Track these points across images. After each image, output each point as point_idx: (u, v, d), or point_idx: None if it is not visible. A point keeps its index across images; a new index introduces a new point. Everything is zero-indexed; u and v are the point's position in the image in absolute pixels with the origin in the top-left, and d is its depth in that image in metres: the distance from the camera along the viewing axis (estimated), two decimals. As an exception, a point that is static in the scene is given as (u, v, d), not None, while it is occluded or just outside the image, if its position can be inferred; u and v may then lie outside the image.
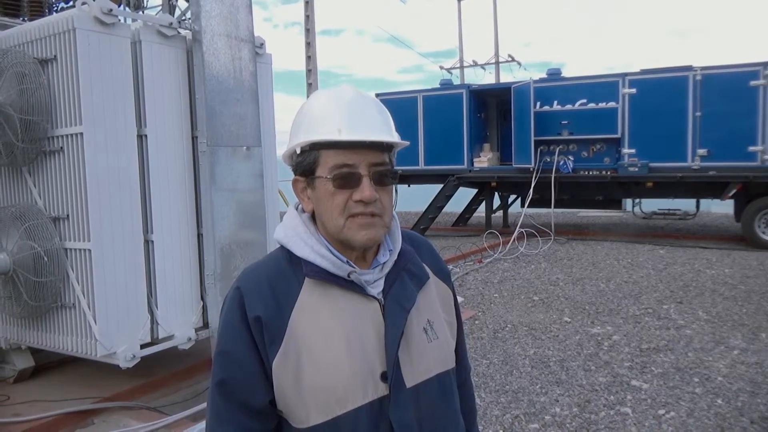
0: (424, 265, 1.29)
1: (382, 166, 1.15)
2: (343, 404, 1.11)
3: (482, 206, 13.96)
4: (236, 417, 1.13)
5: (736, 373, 4.63)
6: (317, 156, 1.14)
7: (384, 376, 1.13)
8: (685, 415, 3.93)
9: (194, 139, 4.40)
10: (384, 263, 1.21)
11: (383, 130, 1.15)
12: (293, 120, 1.21)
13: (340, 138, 1.10)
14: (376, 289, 1.18)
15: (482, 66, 21.42)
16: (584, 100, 11.40)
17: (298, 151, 1.17)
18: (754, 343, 5.31)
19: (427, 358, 1.20)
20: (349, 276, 1.15)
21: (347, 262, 1.16)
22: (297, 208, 1.24)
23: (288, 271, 1.18)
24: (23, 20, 5.51)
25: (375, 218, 1.14)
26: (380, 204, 1.14)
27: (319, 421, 1.11)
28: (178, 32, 4.35)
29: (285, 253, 1.20)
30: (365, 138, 1.11)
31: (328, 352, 1.12)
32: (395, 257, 1.22)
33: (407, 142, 1.22)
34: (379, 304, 1.17)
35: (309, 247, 1.17)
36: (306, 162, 1.16)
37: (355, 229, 1.13)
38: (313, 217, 1.21)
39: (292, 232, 1.19)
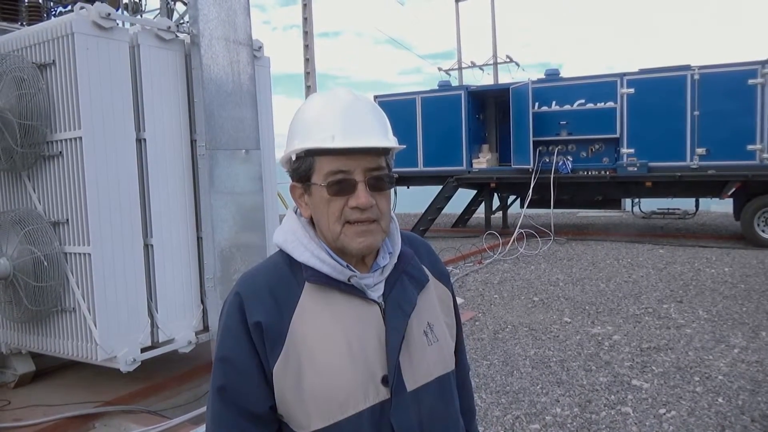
0: (424, 267, 1.29)
1: (378, 170, 1.14)
2: (344, 409, 1.11)
3: (481, 207, 13.97)
4: (236, 423, 1.13)
5: (736, 371, 4.64)
6: (312, 162, 1.14)
7: (385, 380, 1.13)
8: (686, 414, 3.94)
9: (193, 142, 4.40)
10: (384, 266, 1.20)
11: (378, 134, 1.14)
12: (289, 124, 1.21)
13: (334, 145, 1.09)
14: (377, 293, 1.18)
15: (480, 67, 21.43)
16: (582, 101, 11.42)
17: (294, 158, 1.17)
18: (755, 342, 5.31)
19: (427, 361, 1.20)
20: (349, 280, 1.15)
21: (347, 266, 1.16)
22: (296, 212, 1.23)
23: (288, 276, 1.17)
24: (21, 25, 5.52)
25: (372, 225, 1.14)
26: (377, 209, 1.14)
27: (320, 426, 1.10)
28: (177, 36, 4.35)
29: (285, 257, 1.20)
30: (359, 144, 1.10)
31: (329, 356, 1.11)
32: (395, 260, 1.22)
33: (403, 146, 1.20)
34: (380, 307, 1.17)
35: (309, 251, 1.16)
36: (302, 168, 1.16)
37: (351, 237, 1.13)
38: (311, 221, 1.21)
39: (292, 237, 1.19)
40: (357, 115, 1.13)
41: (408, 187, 13.85)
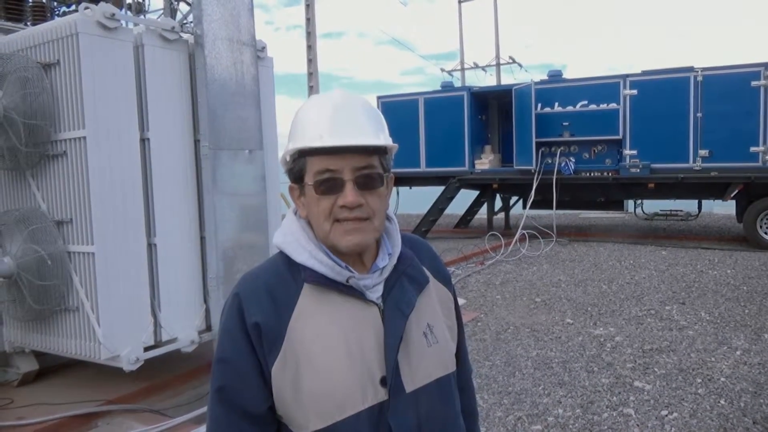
0: (424, 268, 1.29)
1: (367, 169, 1.14)
2: (342, 410, 1.11)
3: (484, 208, 13.97)
4: (235, 423, 1.13)
5: (738, 373, 4.63)
6: (304, 163, 1.15)
7: (383, 381, 1.13)
8: (688, 416, 3.94)
9: (196, 142, 4.42)
10: (383, 268, 1.20)
11: (367, 133, 1.13)
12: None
13: (321, 144, 1.10)
14: (376, 294, 1.18)
15: (483, 68, 21.42)
16: (585, 102, 11.41)
17: (289, 159, 1.18)
18: (757, 344, 5.31)
19: (426, 363, 1.20)
20: (347, 281, 1.15)
21: (346, 267, 1.16)
22: (295, 213, 1.24)
23: (287, 277, 1.18)
24: (26, 25, 5.54)
25: (363, 223, 1.14)
26: (368, 208, 1.14)
27: (318, 426, 1.11)
28: (180, 36, 4.37)
29: (284, 258, 1.20)
30: (346, 142, 1.10)
31: (327, 357, 1.12)
32: (394, 261, 1.22)
33: (395, 145, 1.20)
34: (379, 309, 1.17)
35: (307, 252, 1.17)
36: (296, 169, 1.17)
37: (340, 235, 1.13)
38: (310, 222, 1.22)
39: (291, 238, 1.20)
40: (347, 114, 1.14)
41: (410, 188, 13.85)
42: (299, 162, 1.16)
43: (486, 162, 12.72)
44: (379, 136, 1.15)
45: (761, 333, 5.61)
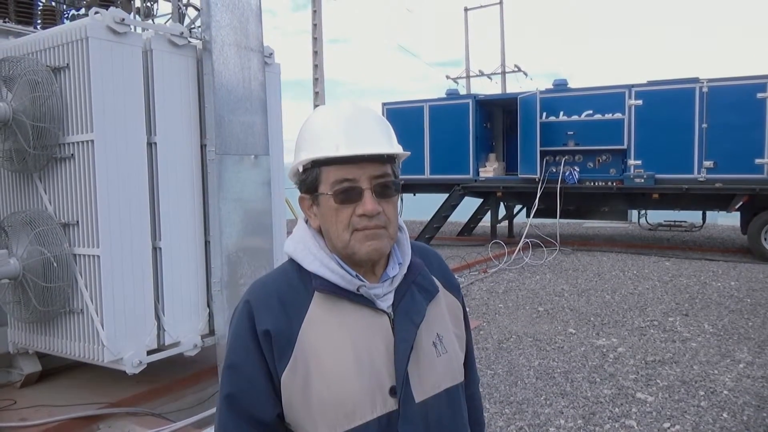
0: (434, 277, 1.30)
1: (383, 177, 1.15)
2: (351, 419, 1.11)
3: (487, 216, 13.97)
4: (244, 430, 1.13)
5: (741, 386, 4.62)
6: (319, 173, 1.16)
7: (393, 391, 1.14)
8: (690, 429, 3.92)
9: (203, 146, 4.44)
10: (393, 277, 1.21)
11: (382, 142, 1.16)
12: (296, 138, 1.23)
13: (338, 153, 1.12)
14: (386, 303, 1.19)
15: (488, 76, 21.49)
16: (590, 111, 11.43)
17: (301, 170, 1.19)
18: (760, 357, 5.29)
19: (436, 373, 1.20)
20: (358, 290, 1.16)
21: (356, 276, 1.17)
22: (306, 222, 1.25)
23: (298, 285, 1.18)
24: (36, 28, 5.59)
25: (380, 230, 1.15)
26: (384, 216, 1.15)
27: None
28: (189, 41, 4.39)
29: (295, 266, 1.21)
30: (363, 152, 1.12)
31: (336, 366, 1.12)
32: (404, 270, 1.23)
33: (408, 153, 1.22)
34: (389, 318, 1.18)
35: (318, 260, 1.18)
36: (309, 179, 1.18)
37: (360, 242, 1.14)
38: (321, 231, 1.22)
39: (302, 246, 1.21)
40: (360, 124, 1.16)
41: (414, 195, 13.87)
42: (312, 172, 1.17)
43: (490, 170, 12.74)
44: (392, 144, 1.18)
45: (765, 346, 5.59)
